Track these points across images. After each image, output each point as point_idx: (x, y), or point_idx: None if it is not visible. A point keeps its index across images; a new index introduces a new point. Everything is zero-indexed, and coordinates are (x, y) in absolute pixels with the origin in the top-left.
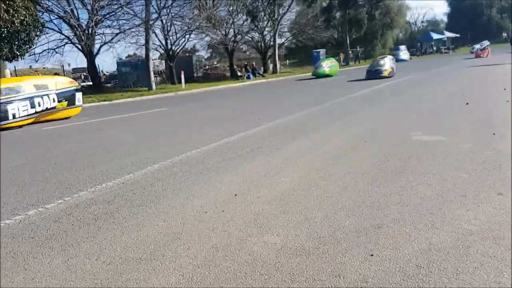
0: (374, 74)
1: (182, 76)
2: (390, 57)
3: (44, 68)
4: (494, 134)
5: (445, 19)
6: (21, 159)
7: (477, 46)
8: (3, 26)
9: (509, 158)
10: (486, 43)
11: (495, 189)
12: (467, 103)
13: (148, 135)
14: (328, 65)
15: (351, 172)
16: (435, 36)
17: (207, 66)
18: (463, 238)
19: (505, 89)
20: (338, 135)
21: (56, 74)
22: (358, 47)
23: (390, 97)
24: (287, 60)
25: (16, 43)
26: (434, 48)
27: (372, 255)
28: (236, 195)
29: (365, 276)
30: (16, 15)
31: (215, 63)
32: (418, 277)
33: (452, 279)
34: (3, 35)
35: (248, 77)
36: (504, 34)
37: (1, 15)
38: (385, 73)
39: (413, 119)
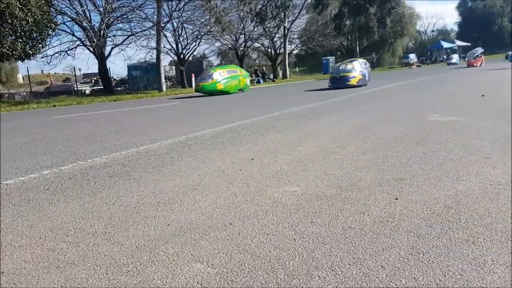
0: (339, 82)
1: (193, 78)
2: (361, 60)
3: (55, 73)
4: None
5: (456, 28)
6: (34, 137)
7: (468, 54)
8: (17, 25)
9: None
10: (479, 50)
11: None
12: (483, 95)
13: (160, 121)
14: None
15: (369, 142)
16: (446, 44)
17: None
18: (492, 187)
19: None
20: None
21: (67, 79)
22: (373, 53)
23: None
24: (297, 68)
25: (30, 42)
26: (444, 56)
27: (397, 198)
28: (253, 159)
29: (392, 214)
30: (29, 14)
31: None
32: (448, 214)
33: (484, 216)
34: (17, 34)
35: (258, 82)
36: None
37: (16, 13)
38: (353, 81)
39: None
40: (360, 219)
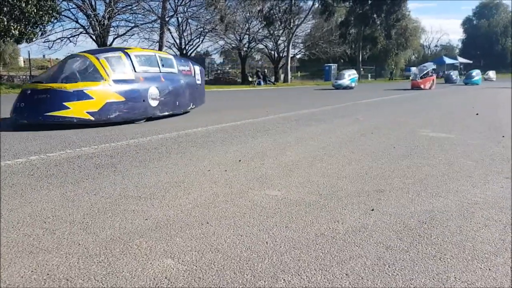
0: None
1: None
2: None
3: (56, 59)
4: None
5: (460, 44)
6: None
7: (414, 70)
8: (16, 6)
9: None
10: (429, 67)
11: (503, 174)
12: (477, 114)
13: None
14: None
15: (356, 152)
16: (448, 60)
17: (219, 70)
18: (468, 206)
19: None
20: None
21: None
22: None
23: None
24: (299, 72)
25: (29, 26)
26: (446, 72)
27: (373, 209)
28: (240, 160)
29: (365, 224)
30: None
31: (227, 68)
32: (420, 229)
33: (455, 234)
34: (14, 16)
35: (259, 83)
36: None
37: None
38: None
39: None
40: (333, 227)
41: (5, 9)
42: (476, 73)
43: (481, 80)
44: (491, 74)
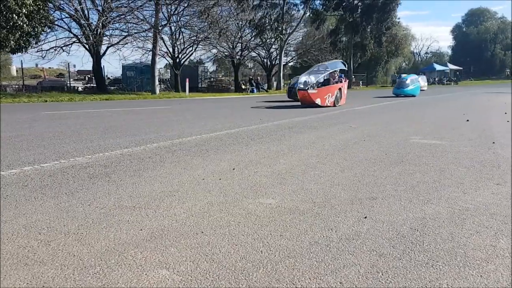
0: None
1: (187, 83)
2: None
3: (49, 68)
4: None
5: (450, 51)
6: (20, 132)
7: (303, 78)
8: (9, 17)
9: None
10: (333, 66)
11: (494, 180)
12: (468, 120)
13: (148, 124)
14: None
15: (349, 160)
16: (438, 67)
17: (212, 78)
18: (459, 212)
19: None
20: None
21: (60, 74)
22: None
23: None
24: (291, 80)
25: (23, 36)
26: (436, 79)
27: (366, 217)
28: (234, 169)
29: (358, 232)
30: (23, 7)
31: (220, 76)
32: (412, 237)
33: (446, 241)
34: (9, 26)
35: (252, 91)
36: (507, 71)
37: (9, 4)
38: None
39: None
40: (327, 235)
41: (1, 21)
42: (412, 80)
43: (419, 89)
44: (422, 81)
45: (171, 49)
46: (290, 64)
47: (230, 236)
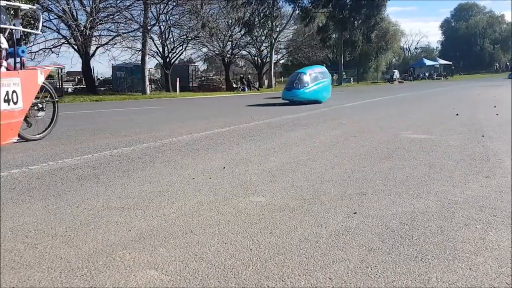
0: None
1: (178, 82)
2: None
3: None
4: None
5: (439, 46)
6: None
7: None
8: None
9: (497, 152)
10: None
11: (483, 173)
12: (457, 114)
13: (139, 124)
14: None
15: (339, 156)
16: (428, 62)
17: (203, 77)
18: (448, 205)
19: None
20: None
21: (49, 76)
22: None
23: None
24: (282, 78)
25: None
26: (427, 74)
27: (355, 212)
28: (224, 168)
29: (348, 227)
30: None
31: (211, 75)
32: (402, 231)
33: (436, 234)
34: None
35: (243, 89)
36: (496, 65)
37: None
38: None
39: None
40: (317, 231)
41: None
42: (313, 76)
43: (329, 91)
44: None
45: (161, 49)
46: (281, 62)
47: (220, 235)
